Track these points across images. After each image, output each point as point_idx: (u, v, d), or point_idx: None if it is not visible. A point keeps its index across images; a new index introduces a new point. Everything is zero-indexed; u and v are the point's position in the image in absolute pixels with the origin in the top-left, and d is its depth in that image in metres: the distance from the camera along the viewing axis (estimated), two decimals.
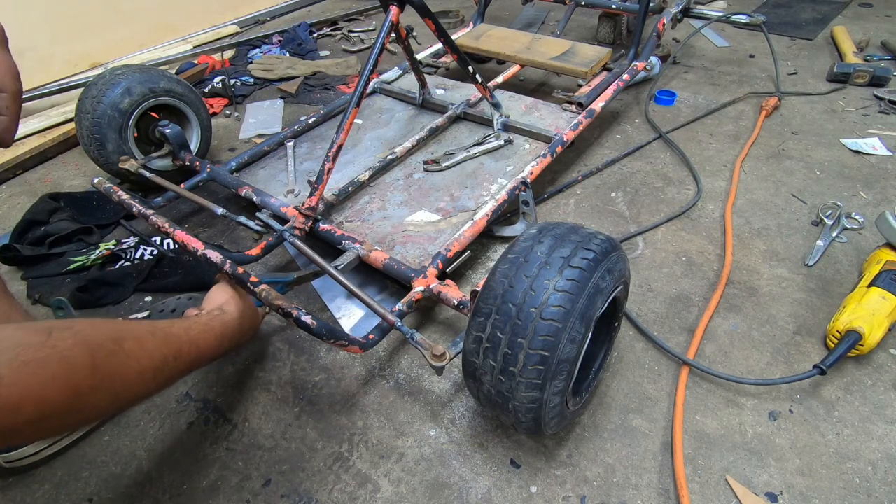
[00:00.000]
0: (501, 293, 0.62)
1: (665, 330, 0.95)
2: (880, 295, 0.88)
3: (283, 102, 1.69)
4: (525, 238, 0.67)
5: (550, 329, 0.58)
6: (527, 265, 0.62)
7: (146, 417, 0.84)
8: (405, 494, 0.74)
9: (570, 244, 0.63)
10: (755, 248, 1.11)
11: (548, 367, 0.59)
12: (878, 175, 1.30)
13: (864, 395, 0.84)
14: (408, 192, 1.11)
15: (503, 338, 0.60)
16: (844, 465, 0.75)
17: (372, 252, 0.92)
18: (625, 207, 1.23)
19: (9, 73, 0.65)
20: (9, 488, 0.76)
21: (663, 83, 1.72)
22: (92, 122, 1.13)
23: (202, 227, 1.22)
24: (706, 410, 0.82)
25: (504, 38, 1.54)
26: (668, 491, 0.73)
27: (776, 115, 1.54)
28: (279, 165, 1.22)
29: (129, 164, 1.12)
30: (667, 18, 1.55)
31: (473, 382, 0.67)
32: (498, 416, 0.71)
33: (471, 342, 0.64)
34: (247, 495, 0.74)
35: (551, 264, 0.61)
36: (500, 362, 0.61)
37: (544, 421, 0.65)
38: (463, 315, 0.82)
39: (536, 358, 0.59)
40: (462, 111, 1.31)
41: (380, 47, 0.98)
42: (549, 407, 0.63)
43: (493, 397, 0.65)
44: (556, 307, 0.58)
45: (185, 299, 0.92)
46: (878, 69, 1.63)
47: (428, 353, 0.70)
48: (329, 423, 0.83)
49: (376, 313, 0.77)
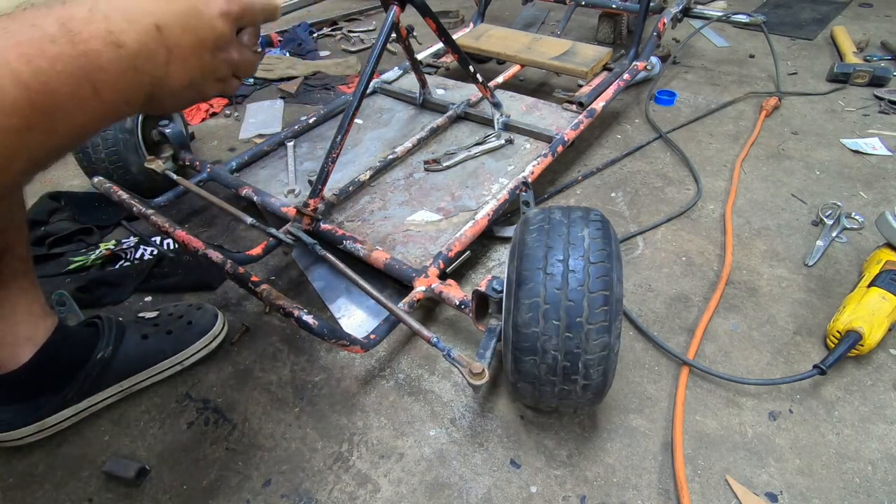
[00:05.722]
0: (543, 255, 0.64)
1: (665, 330, 0.95)
2: (880, 295, 0.88)
3: (283, 102, 1.69)
4: (536, 214, 0.71)
5: (603, 269, 0.62)
6: (553, 228, 0.66)
7: (146, 417, 0.84)
8: (405, 494, 0.74)
9: (578, 210, 0.70)
10: (755, 248, 1.11)
11: (611, 307, 0.62)
12: (878, 175, 1.30)
13: (864, 395, 0.84)
14: (408, 192, 1.11)
15: (560, 292, 0.62)
16: (844, 465, 0.75)
17: (373, 252, 0.92)
18: (625, 207, 1.23)
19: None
20: (9, 488, 0.76)
21: (663, 83, 1.72)
22: (108, 152, 1.12)
23: (203, 226, 1.22)
24: (706, 410, 0.82)
25: (504, 38, 1.54)
26: (668, 491, 0.73)
27: (776, 115, 1.54)
28: (279, 165, 1.22)
29: (156, 165, 1.12)
30: (667, 18, 1.55)
31: (534, 358, 0.65)
32: (554, 393, 0.68)
33: (525, 313, 0.64)
34: (247, 495, 0.75)
35: (574, 223, 0.67)
36: (566, 316, 0.62)
37: (611, 372, 0.66)
38: (465, 314, 0.82)
39: (600, 299, 0.62)
40: (463, 111, 1.31)
41: (381, 47, 0.98)
42: (613, 353, 0.65)
43: (559, 364, 0.64)
44: (600, 250, 0.63)
45: (195, 309, 0.92)
46: (878, 69, 1.63)
47: (466, 371, 0.68)
48: (329, 423, 0.83)
49: (414, 330, 0.74)
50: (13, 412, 0.77)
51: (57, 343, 0.76)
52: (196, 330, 0.89)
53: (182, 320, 0.89)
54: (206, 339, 0.90)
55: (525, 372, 0.67)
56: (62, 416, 0.80)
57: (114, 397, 0.84)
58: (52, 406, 0.79)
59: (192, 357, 0.89)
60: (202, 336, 0.89)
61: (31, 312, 0.74)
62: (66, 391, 0.79)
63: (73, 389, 0.79)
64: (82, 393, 0.80)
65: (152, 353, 0.85)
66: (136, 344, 0.84)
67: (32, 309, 0.75)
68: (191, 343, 0.88)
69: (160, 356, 0.86)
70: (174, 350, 0.87)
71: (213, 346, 0.91)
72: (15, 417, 0.77)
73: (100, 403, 0.83)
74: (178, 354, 0.88)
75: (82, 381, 0.79)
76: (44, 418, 0.78)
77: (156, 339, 0.86)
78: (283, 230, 0.93)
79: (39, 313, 0.75)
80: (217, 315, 0.92)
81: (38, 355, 0.74)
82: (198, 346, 0.89)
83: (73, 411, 0.81)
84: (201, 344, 0.89)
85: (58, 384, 0.78)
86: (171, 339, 0.87)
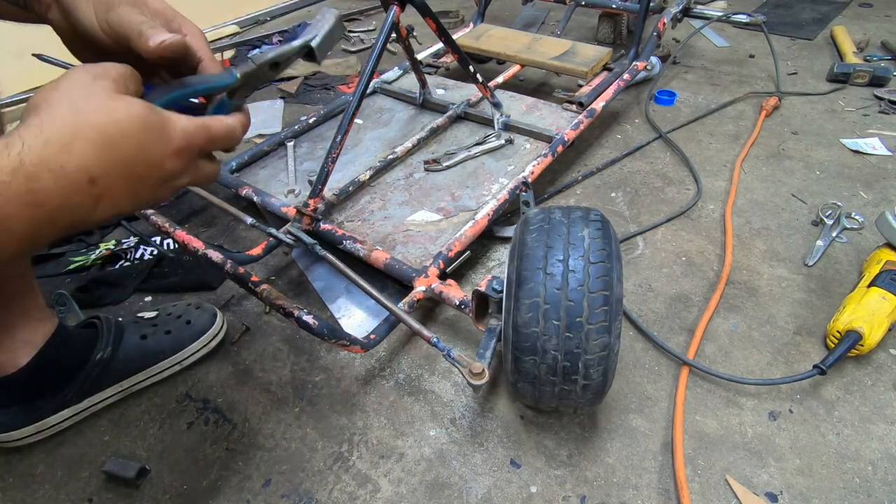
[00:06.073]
0: (543, 255, 0.64)
1: (665, 330, 0.95)
2: (880, 295, 0.88)
3: (283, 102, 1.69)
4: (535, 214, 0.70)
5: (603, 269, 0.62)
6: (553, 228, 0.66)
7: (146, 417, 0.84)
8: (405, 494, 0.74)
9: (578, 210, 0.69)
10: (755, 248, 1.11)
11: (611, 307, 0.62)
12: (878, 175, 1.30)
13: (864, 395, 0.84)
14: (408, 192, 1.11)
15: (560, 292, 0.62)
16: (844, 465, 0.75)
17: (373, 252, 0.92)
18: (625, 207, 1.23)
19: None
20: (9, 488, 0.76)
21: (663, 83, 1.72)
22: None
23: (203, 226, 1.22)
24: (706, 410, 0.82)
25: (504, 38, 1.54)
26: (668, 491, 0.73)
27: (776, 115, 1.54)
28: (279, 165, 1.22)
29: None
30: (667, 18, 1.55)
31: (534, 358, 0.65)
32: (554, 393, 0.68)
33: (525, 313, 0.64)
34: (247, 495, 0.74)
35: (574, 223, 0.66)
36: (566, 316, 0.62)
37: (611, 372, 0.66)
38: (465, 314, 0.82)
39: (600, 299, 0.62)
40: (463, 111, 1.31)
41: (381, 47, 0.98)
42: (613, 353, 0.65)
43: (559, 364, 0.64)
44: (600, 250, 0.63)
45: (194, 308, 0.92)
46: (878, 69, 1.63)
47: (466, 371, 0.68)
48: (329, 423, 0.83)
49: (414, 330, 0.74)
50: (12, 414, 0.77)
51: (56, 346, 0.76)
52: (195, 329, 0.89)
53: (181, 320, 0.89)
54: (205, 338, 0.90)
55: (525, 372, 0.67)
56: (62, 417, 0.80)
57: (113, 397, 0.84)
58: (52, 407, 0.79)
59: (191, 357, 0.89)
60: (201, 335, 0.89)
61: (30, 316, 0.74)
62: (65, 392, 0.79)
63: (73, 390, 0.79)
64: (82, 393, 0.80)
65: (152, 353, 0.85)
66: (136, 344, 0.84)
67: (31, 313, 0.74)
68: (190, 343, 0.88)
69: (160, 356, 0.86)
70: (173, 350, 0.87)
71: (213, 345, 0.91)
72: (14, 419, 0.77)
73: (100, 404, 0.83)
74: (178, 354, 0.88)
75: (82, 382, 0.79)
76: (43, 419, 0.78)
77: (155, 340, 0.86)
78: (283, 230, 0.93)
79: (38, 317, 0.75)
80: (216, 314, 0.92)
81: (36, 359, 0.74)
82: (197, 345, 0.89)
83: (73, 412, 0.81)
84: (200, 343, 0.89)
85: (57, 386, 0.78)
86: (171, 339, 0.87)
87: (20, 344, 0.73)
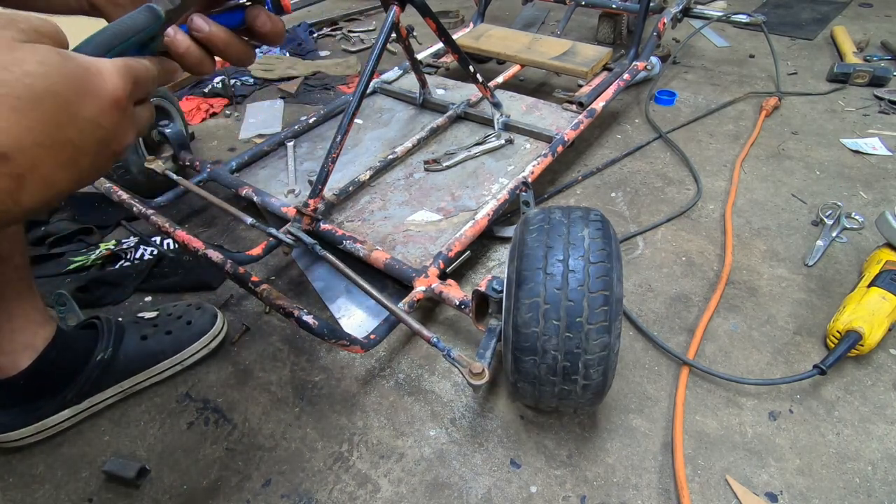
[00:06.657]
0: (543, 255, 0.64)
1: (665, 330, 0.95)
2: (880, 295, 0.88)
3: (283, 102, 1.69)
4: (535, 214, 0.70)
5: (603, 269, 0.62)
6: (553, 228, 0.66)
7: (146, 417, 0.84)
8: (405, 494, 0.74)
9: (578, 210, 0.69)
10: (755, 248, 1.11)
11: (611, 307, 0.62)
12: (878, 175, 1.30)
13: (864, 395, 0.84)
14: (408, 192, 1.11)
15: (560, 292, 0.62)
16: (844, 465, 0.75)
17: (373, 252, 0.92)
18: (625, 207, 1.23)
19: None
20: (9, 488, 0.76)
21: (663, 83, 1.72)
22: None
23: (203, 226, 1.22)
24: (706, 410, 0.82)
25: (504, 38, 1.54)
26: (668, 491, 0.73)
27: (776, 115, 1.54)
28: (279, 165, 1.22)
29: (156, 165, 1.12)
30: (667, 18, 1.55)
31: (534, 358, 0.65)
32: (554, 393, 0.68)
33: (525, 313, 0.64)
34: (247, 495, 0.75)
35: (574, 223, 0.66)
36: (566, 316, 0.62)
37: (611, 372, 0.66)
38: (465, 314, 0.82)
39: (600, 299, 0.61)
40: (463, 111, 1.31)
41: (381, 47, 0.98)
42: (613, 353, 0.65)
43: (559, 364, 0.64)
44: (600, 250, 0.63)
45: (194, 309, 0.92)
46: (878, 69, 1.63)
47: (466, 371, 0.68)
48: (329, 423, 0.83)
49: (414, 330, 0.74)
50: (13, 414, 0.77)
51: (56, 349, 0.76)
52: (195, 330, 0.89)
53: (181, 320, 0.89)
54: (205, 338, 0.90)
55: (525, 372, 0.67)
56: (62, 417, 0.80)
57: (114, 398, 0.84)
58: (52, 407, 0.79)
59: (191, 357, 0.89)
60: (202, 336, 0.89)
61: (30, 320, 0.74)
62: (65, 393, 0.79)
63: (73, 391, 0.79)
64: (82, 394, 0.80)
65: (152, 353, 0.85)
66: (136, 345, 0.84)
67: (31, 316, 0.74)
68: (190, 343, 0.88)
69: (160, 356, 0.86)
70: (174, 350, 0.87)
71: (213, 345, 0.91)
72: (14, 419, 0.77)
73: (100, 404, 0.83)
74: (178, 354, 0.88)
75: (82, 383, 0.79)
76: (43, 419, 0.78)
77: (155, 340, 0.86)
78: (283, 230, 0.93)
79: (38, 320, 0.75)
80: (217, 315, 0.92)
81: (37, 362, 0.74)
82: (197, 346, 0.89)
83: (73, 412, 0.81)
84: (201, 344, 0.89)
85: (57, 387, 0.78)
86: (171, 340, 0.87)
87: (21, 347, 0.73)
